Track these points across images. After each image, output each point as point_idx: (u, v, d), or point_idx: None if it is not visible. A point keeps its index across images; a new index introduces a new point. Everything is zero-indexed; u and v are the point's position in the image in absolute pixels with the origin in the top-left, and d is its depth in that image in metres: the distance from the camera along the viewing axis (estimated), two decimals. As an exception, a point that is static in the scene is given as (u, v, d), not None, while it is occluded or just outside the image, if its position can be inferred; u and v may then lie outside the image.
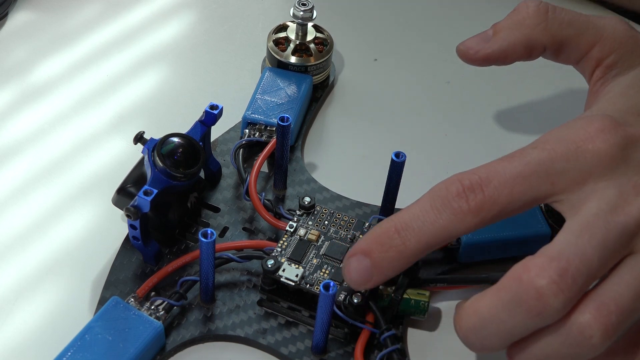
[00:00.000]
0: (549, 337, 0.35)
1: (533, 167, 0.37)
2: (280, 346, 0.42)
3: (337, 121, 0.55)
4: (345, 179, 0.51)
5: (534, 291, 0.34)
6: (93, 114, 0.53)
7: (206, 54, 0.59)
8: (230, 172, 0.49)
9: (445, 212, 0.37)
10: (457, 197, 0.37)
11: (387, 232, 0.37)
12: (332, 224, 0.45)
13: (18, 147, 0.51)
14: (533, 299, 0.34)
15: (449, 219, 0.37)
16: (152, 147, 0.43)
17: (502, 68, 0.48)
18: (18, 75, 0.56)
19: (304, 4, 0.53)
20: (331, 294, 0.38)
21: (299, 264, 0.42)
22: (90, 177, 0.50)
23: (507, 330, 0.35)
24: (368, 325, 0.41)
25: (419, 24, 0.63)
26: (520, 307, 0.34)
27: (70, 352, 0.39)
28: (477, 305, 0.36)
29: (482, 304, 0.36)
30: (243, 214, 0.47)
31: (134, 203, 0.41)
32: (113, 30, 0.60)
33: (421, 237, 0.37)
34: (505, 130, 0.55)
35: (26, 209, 0.48)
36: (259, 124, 0.50)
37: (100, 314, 0.40)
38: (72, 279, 0.45)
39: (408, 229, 0.37)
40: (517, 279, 0.35)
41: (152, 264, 0.44)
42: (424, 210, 0.37)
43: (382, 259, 0.37)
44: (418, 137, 0.54)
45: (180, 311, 0.43)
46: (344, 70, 0.58)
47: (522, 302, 0.34)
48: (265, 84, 0.52)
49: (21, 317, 0.43)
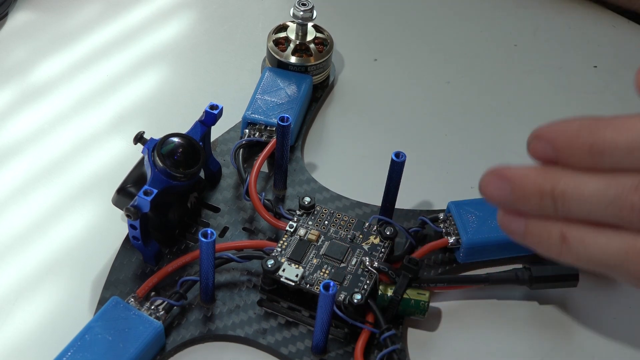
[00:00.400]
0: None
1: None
2: (280, 346, 0.42)
3: (337, 121, 0.55)
4: (345, 179, 0.51)
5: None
6: (93, 114, 0.53)
7: (206, 54, 0.59)
8: (230, 172, 0.49)
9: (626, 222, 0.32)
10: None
11: (577, 140, 0.33)
12: (332, 224, 0.45)
13: (18, 147, 0.51)
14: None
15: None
16: (152, 147, 0.43)
17: (501, 68, 0.48)
18: (18, 75, 0.56)
19: (304, 4, 0.53)
20: (331, 294, 0.38)
21: (299, 264, 0.42)
22: (90, 177, 0.50)
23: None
24: (368, 325, 0.41)
25: (419, 24, 0.63)
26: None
27: (70, 352, 0.39)
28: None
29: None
30: (243, 214, 0.47)
31: (134, 203, 0.41)
32: (113, 30, 0.60)
33: (583, 210, 0.32)
34: (506, 130, 0.55)
35: (26, 209, 0.48)
36: (259, 124, 0.50)
37: (100, 314, 0.40)
38: (72, 279, 0.45)
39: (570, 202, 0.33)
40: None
41: (152, 264, 0.44)
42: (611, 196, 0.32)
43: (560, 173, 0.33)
44: (418, 137, 0.54)
45: (180, 311, 0.43)
46: (344, 70, 0.58)
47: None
48: (265, 84, 0.52)
49: (21, 317, 0.43)
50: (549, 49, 0.61)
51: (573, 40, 0.62)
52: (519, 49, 0.61)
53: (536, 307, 0.45)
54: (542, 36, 0.62)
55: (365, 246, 0.44)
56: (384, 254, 0.43)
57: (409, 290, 0.42)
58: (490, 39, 0.62)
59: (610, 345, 0.44)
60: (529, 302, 0.45)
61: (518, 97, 0.57)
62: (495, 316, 0.45)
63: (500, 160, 0.45)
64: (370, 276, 0.42)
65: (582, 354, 0.43)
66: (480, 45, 0.61)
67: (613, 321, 0.45)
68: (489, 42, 0.61)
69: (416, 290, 0.42)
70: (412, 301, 0.42)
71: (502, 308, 0.45)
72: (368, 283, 0.42)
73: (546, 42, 0.62)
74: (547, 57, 0.60)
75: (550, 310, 0.45)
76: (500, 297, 0.45)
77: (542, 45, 0.61)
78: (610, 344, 0.44)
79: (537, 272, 0.44)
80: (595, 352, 0.44)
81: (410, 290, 0.42)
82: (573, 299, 0.46)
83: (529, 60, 0.60)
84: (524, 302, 0.45)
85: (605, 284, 0.46)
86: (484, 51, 0.61)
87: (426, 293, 0.42)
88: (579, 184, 0.33)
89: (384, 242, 0.44)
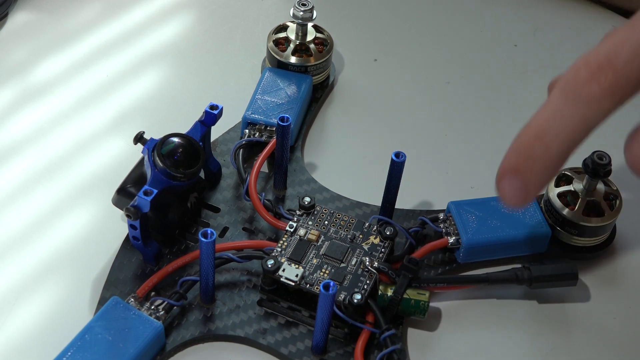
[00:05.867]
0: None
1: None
2: (280, 346, 0.42)
3: (337, 121, 0.55)
4: (345, 179, 0.51)
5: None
6: (93, 114, 0.53)
7: (206, 54, 0.59)
8: (230, 172, 0.49)
9: (580, 102, 0.34)
10: (588, 82, 0.33)
11: (528, 142, 0.35)
12: (332, 224, 0.45)
13: (18, 147, 0.51)
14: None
15: (586, 109, 0.34)
16: (152, 147, 0.43)
17: (501, 68, 0.48)
18: (18, 75, 0.56)
19: (304, 4, 0.53)
20: (331, 294, 0.38)
21: (299, 264, 0.42)
22: (90, 177, 0.50)
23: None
24: (368, 325, 0.41)
25: (419, 24, 0.63)
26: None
27: (70, 352, 0.39)
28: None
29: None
30: (243, 214, 0.47)
31: (134, 203, 0.41)
32: (113, 30, 0.60)
33: (564, 137, 0.34)
34: (505, 130, 0.55)
35: (26, 209, 0.48)
36: (259, 124, 0.50)
37: (100, 314, 0.40)
38: (72, 279, 0.45)
39: (547, 133, 0.35)
40: None
41: (152, 264, 0.44)
42: (558, 108, 0.34)
43: (532, 172, 0.35)
44: (418, 137, 0.54)
45: (180, 311, 0.43)
46: (344, 70, 0.58)
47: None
48: (265, 84, 0.52)
49: (21, 317, 0.43)
50: (549, 49, 0.61)
51: (573, 40, 0.62)
52: (519, 49, 0.61)
53: (536, 307, 0.45)
54: (542, 36, 0.62)
55: (365, 246, 0.44)
56: (384, 254, 0.43)
57: (409, 290, 0.42)
58: (490, 39, 0.62)
59: (610, 345, 0.44)
60: (528, 301, 0.45)
61: (518, 97, 0.57)
62: (495, 316, 0.45)
63: (500, 160, 0.45)
64: (370, 276, 0.42)
65: (582, 353, 0.43)
66: (480, 45, 0.61)
67: (613, 321, 0.45)
68: (489, 42, 0.61)
69: (416, 290, 0.42)
70: (412, 301, 0.42)
71: (502, 308, 0.45)
72: (368, 283, 0.42)
73: (546, 42, 0.62)
74: (547, 57, 0.60)
75: (550, 309, 0.45)
76: (500, 296, 0.45)
77: (542, 45, 0.61)
78: (610, 343, 0.44)
79: (537, 272, 0.44)
80: (595, 352, 0.44)
81: (410, 290, 0.42)
82: (572, 298, 0.46)
83: (529, 60, 0.60)
84: (523, 301, 0.45)
85: (605, 284, 0.46)
86: (484, 51, 0.61)
87: (426, 293, 0.42)
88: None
89: (384, 242, 0.44)
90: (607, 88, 0.33)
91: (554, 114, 0.34)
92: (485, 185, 0.50)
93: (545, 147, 0.35)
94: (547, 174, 0.35)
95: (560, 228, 0.46)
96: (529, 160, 0.35)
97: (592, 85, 0.33)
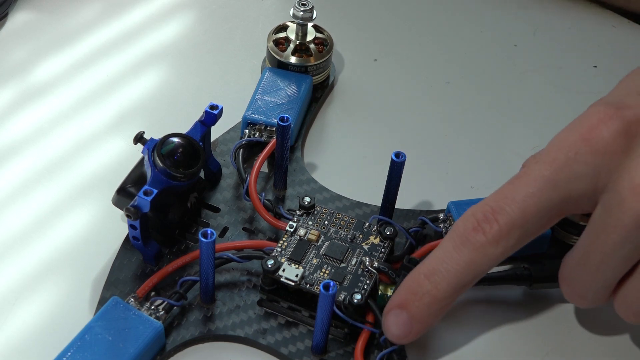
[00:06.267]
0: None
1: (540, 184, 0.37)
2: (280, 346, 0.42)
3: (337, 121, 0.55)
4: (345, 179, 0.51)
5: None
6: (93, 114, 0.53)
7: (206, 54, 0.59)
8: (230, 172, 0.49)
9: (466, 249, 0.37)
10: (473, 232, 0.37)
11: (417, 280, 0.38)
12: (332, 224, 0.45)
13: (18, 147, 0.51)
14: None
15: (472, 255, 0.37)
16: (152, 147, 0.43)
17: (501, 68, 0.48)
18: (18, 75, 0.56)
19: (304, 4, 0.53)
20: (331, 294, 0.38)
21: (299, 264, 0.42)
22: (90, 177, 0.50)
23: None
24: (368, 325, 0.41)
25: (419, 24, 0.63)
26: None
27: (70, 352, 0.39)
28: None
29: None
30: (243, 214, 0.47)
31: (134, 203, 0.41)
32: (113, 30, 0.60)
33: (450, 279, 0.38)
34: (505, 131, 0.55)
35: (26, 209, 0.48)
36: (259, 124, 0.50)
37: (100, 314, 0.40)
38: (72, 279, 0.45)
39: (436, 273, 0.38)
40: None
41: (152, 264, 0.44)
42: (447, 252, 0.38)
43: (418, 307, 0.38)
44: (418, 137, 0.54)
45: (180, 311, 0.43)
46: (344, 71, 0.58)
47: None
48: (265, 84, 0.52)
49: (21, 317, 0.43)
50: (549, 49, 0.61)
51: (573, 40, 0.62)
52: (519, 49, 0.61)
53: (536, 307, 0.45)
54: (542, 36, 0.62)
55: (365, 246, 0.44)
56: (384, 254, 0.43)
57: (409, 290, 0.42)
58: (490, 39, 0.62)
59: (610, 346, 0.44)
60: (528, 301, 0.45)
61: (518, 97, 0.57)
62: (495, 316, 0.45)
63: (500, 160, 0.45)
64: (370, 276, 0.42)
65: (582, 353, 0.43)
66: (480, 45, 0.61)
67: (613, 321, 0.45)
68: (489, 42, 0.61)
69: (416, 290, 0.42)
70: (412, 301, 0.42)
71: (502, 308, 0.45)
72: (368, 283, 0.42)
73: (546, 42, 0.62)
74: (547, 57, 0.60)
75: (550, 310, 0.45)
76: (500, 296, 0.45)
77: (542, 45, 0.61)
78: (610, 344, 0.44)
79: (537, 272, 0.44)
80: (595, 352, 0.44)
81: (410, 290, 0.42)
82: (573, 299, 0.46)
83: (529, 60, 0.60)
84: (523, 302, 0.45)
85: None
86: (484, 51, 0.61)
87: (426, 293, 0.42)
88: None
89: (384, 242, 0.44)
90: (491, 238, 0.37)
91: (443, 256, 0.38)
92: (485, 185, 0.50)
93: (433, 285, 0.38)
94: (432, 310, 0.38)
95: (560, 228, 0.46)
96: (417, 296, 0.38)
97: (478, 235, 0.37)
